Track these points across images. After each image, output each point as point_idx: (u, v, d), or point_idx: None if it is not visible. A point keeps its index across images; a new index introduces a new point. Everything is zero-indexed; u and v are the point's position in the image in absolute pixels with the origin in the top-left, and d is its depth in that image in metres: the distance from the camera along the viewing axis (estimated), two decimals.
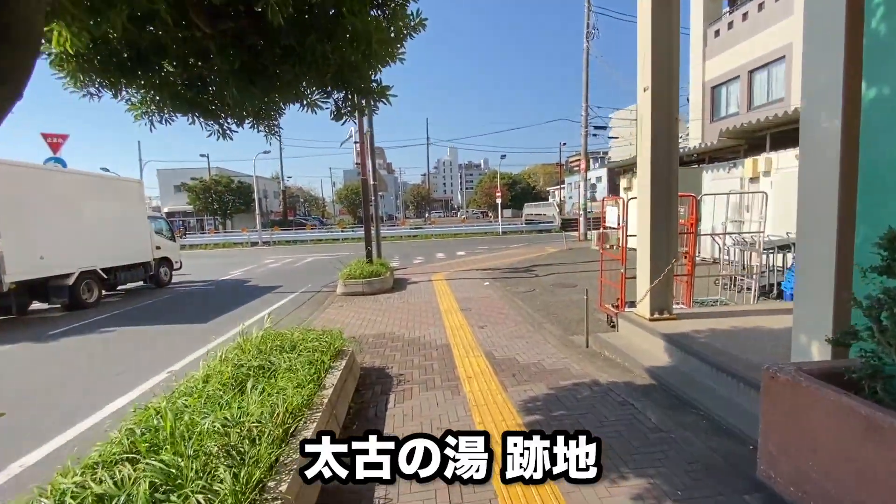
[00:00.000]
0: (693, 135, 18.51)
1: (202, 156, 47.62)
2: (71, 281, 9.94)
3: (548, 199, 64.46)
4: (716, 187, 11.97)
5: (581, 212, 25.13)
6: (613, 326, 6.08)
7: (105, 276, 11.11)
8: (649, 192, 5.10)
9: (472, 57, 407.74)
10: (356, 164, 11.54)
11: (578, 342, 5.92)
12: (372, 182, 13.37)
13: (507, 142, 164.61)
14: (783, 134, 10.09)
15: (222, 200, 47.32)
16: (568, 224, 34.15)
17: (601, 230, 6.51)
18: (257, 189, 33.73)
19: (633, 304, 6.05)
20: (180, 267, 14.78)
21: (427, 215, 63.75)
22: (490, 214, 69.66)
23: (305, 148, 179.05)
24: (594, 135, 26.26)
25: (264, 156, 47.79)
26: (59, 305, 10.32)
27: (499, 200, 32.57)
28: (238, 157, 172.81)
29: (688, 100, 20.46)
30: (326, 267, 12.53)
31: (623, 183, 16.49)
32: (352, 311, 8.53)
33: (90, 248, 10.71)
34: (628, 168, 17.08)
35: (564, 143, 53.65)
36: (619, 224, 6.06)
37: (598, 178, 64.97)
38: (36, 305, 10.39)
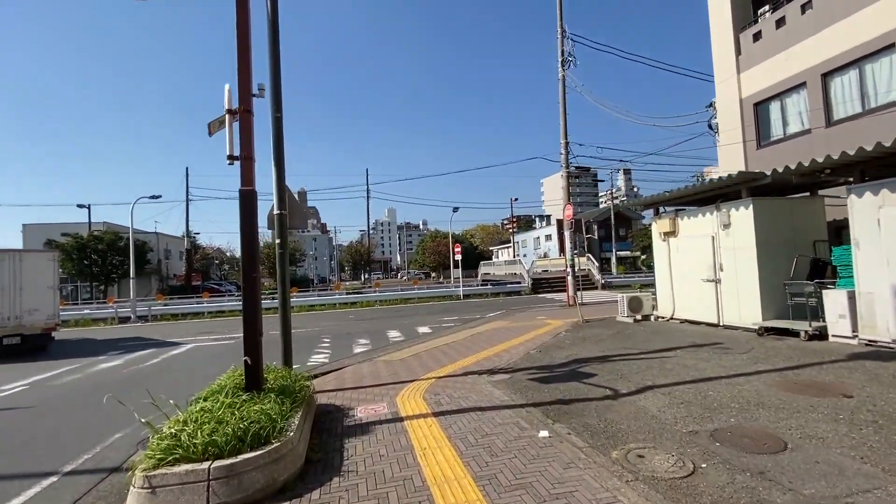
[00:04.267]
0: (727, 165, 14.19)
1: (80, 206, 37.69)
2: None
3: (491, 259, 60.19)
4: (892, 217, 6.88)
5: (568, 269, 19.92)
6: None
7: None
8: None
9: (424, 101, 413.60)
10: (230, 158, 5.12)
11: None
12: (278, 210, 6.87)
13: (454, 199, 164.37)
14: None
15: (105, 262, 37.46)
16: (538, 284, 28.95)
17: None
18: (133, 244, 25.24)
19: None
20: None
21: (368, 276, 56.63)
22: (435, 274, 63.87)
23: (226, 200, 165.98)
24: (576, 177, 21.82)
25: (177, 213, 39.25)
26: None
27: (458, 257, 26.81)
28: (122, 204, 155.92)
29: (710, 125, 16.55)
30: (205, 367, 5.88)
31: (662, 226, 11.33)
32: None
33: None
34: (664, 204, 12.04)
35: (516, 199, 50.53)
36: None
37: (548, 236, 62.61)
38: None
